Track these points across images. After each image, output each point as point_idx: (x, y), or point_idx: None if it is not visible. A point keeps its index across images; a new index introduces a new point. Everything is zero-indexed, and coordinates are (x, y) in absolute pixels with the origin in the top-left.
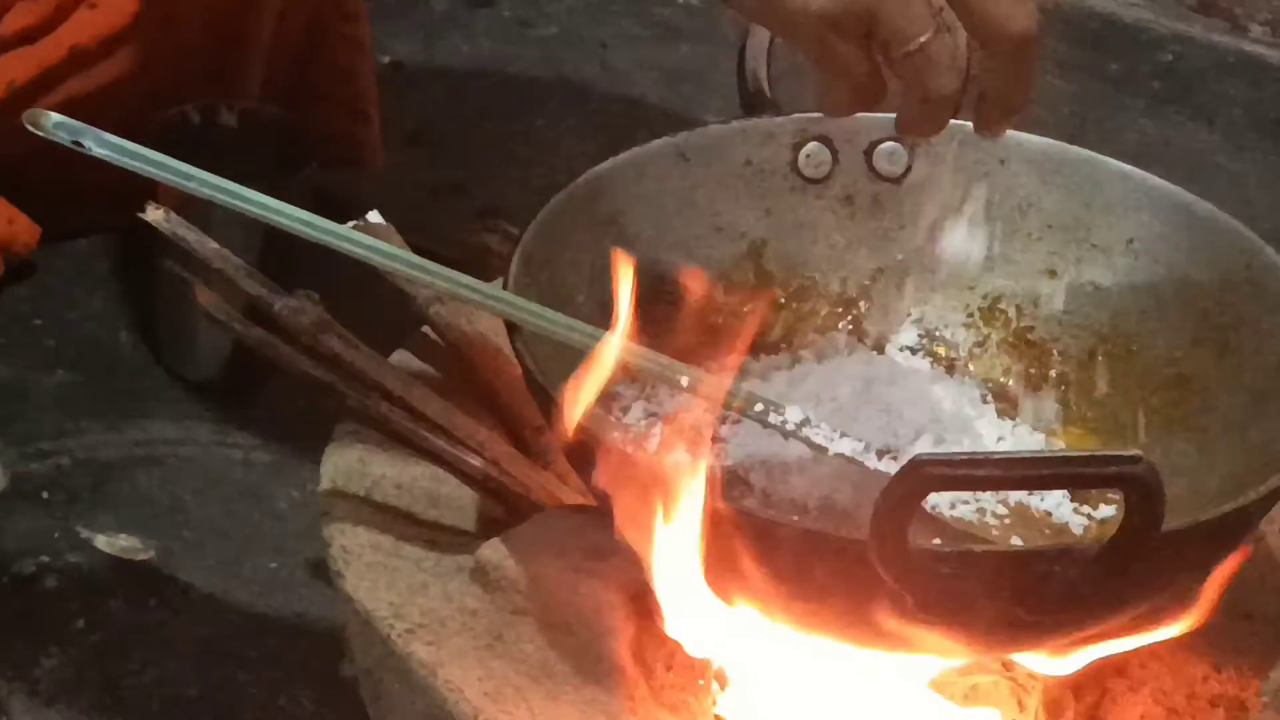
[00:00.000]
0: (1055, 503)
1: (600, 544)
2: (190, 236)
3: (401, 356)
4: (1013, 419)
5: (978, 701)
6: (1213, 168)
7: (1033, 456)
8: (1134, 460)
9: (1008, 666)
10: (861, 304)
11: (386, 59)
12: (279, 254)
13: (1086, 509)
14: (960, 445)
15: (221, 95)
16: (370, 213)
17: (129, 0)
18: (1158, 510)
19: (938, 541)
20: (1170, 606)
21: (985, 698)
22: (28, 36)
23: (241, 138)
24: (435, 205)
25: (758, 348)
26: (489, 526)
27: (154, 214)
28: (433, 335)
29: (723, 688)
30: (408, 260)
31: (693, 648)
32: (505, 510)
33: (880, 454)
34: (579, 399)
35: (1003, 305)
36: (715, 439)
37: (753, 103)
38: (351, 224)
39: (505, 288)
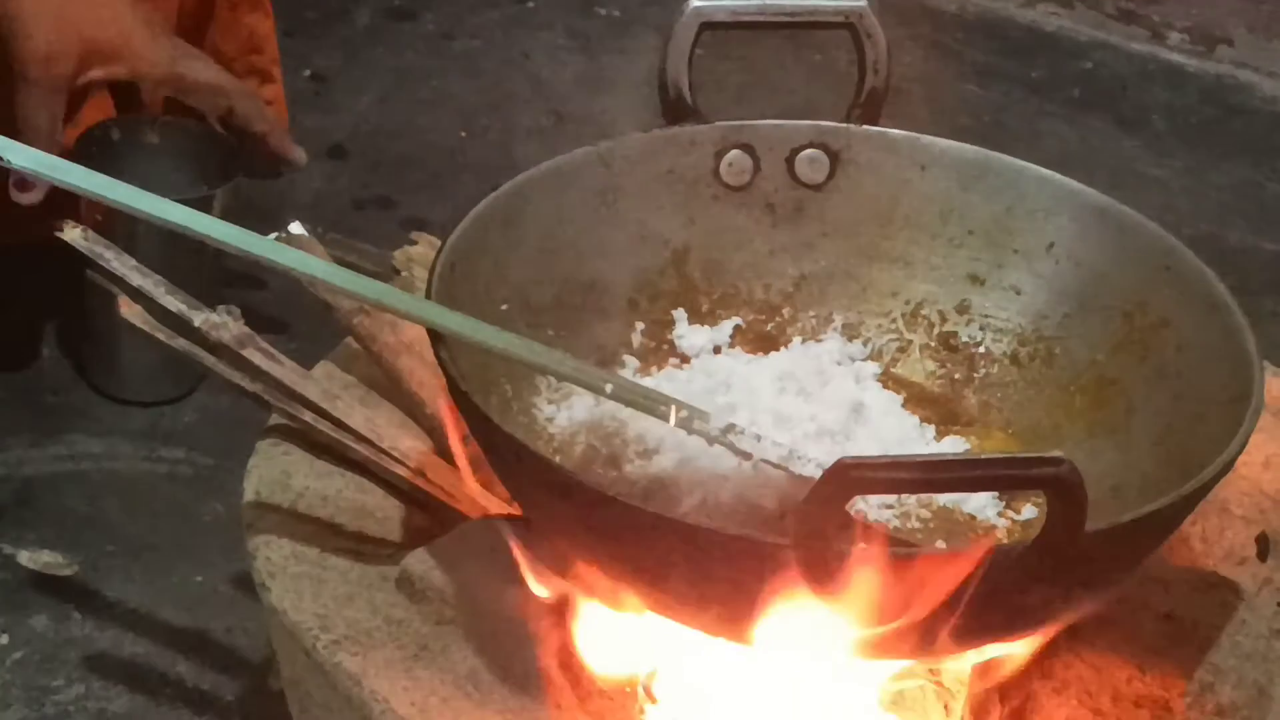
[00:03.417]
0: (979, 506)
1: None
2: (109, 254)
3: (325, 368)
4: (936, 423)
5: (904, 707)
6: (1133, 173)
7: (956, 459)
8: (1056, 462)
9: (934, 671)
10: (785, 310)
11: (308, 72)
12: (202, 268)
13: (1010, 512)
14: (883, 449)
15: (127, 62)
16: (292, 224)
17: None
18: (1080, 512)
19: (862, 546)
20: None
21: (911, 703)
22: None
23: (164, 151)
24: (358, 217)
25: (683, 354)
26: (415, 536)
27: (72, 232)
28: (356, 346)
29: (649, 695)
30: (330, 271)
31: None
32: (431, 520)
33: (805, 459)
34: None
35: (925, 311)
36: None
37: (675, 111)
38: (274, 236)
39: (428, 297)
